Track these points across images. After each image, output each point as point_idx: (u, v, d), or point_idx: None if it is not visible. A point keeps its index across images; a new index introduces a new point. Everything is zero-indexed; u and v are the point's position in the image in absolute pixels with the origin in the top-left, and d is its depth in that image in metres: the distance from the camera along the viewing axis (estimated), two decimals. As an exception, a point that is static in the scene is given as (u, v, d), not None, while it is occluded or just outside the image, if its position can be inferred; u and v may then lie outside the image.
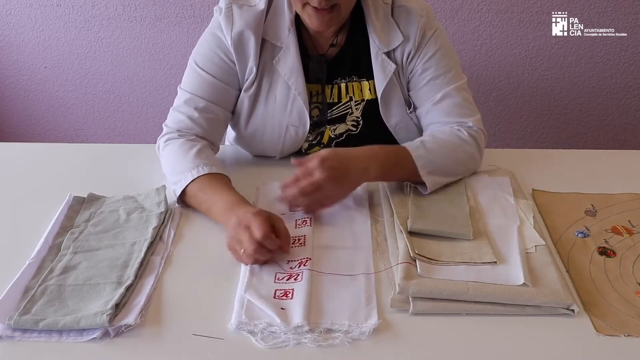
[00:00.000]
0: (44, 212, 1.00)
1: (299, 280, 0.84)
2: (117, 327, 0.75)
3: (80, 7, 2.00)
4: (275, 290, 0.82)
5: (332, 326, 0.76)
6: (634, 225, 0.98)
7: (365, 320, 0.77)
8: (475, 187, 1.07)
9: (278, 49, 1.09)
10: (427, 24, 1.09)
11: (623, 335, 0.75)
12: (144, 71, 2.10)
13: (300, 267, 0.87)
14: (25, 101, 2.20)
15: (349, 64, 1.13)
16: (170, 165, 1.05)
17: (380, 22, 1.09)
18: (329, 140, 1.18)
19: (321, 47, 1.12)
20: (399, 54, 1.10)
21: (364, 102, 1.14)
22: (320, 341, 0.73)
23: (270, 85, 1.11)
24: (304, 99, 1.10)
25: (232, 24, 1.06)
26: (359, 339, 0.74)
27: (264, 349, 0.73)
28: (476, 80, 2.03)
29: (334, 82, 1.14)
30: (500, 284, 0.81)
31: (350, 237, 0.95)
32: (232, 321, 0.76)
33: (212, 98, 1.10)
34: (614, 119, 2.10)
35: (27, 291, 0.81)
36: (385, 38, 1.09)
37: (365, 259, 0.89)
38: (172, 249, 0.92)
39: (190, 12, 1.98)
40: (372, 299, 0.81)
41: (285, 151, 1.18)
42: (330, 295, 0.82)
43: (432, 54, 1.10)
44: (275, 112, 1.12)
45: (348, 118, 1.16)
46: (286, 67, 1.08)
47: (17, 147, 1.31)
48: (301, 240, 0.93)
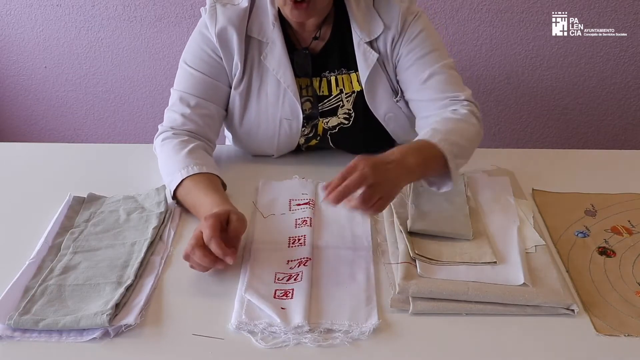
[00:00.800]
0: (43, 212, 1.00)
1: (298, 280, 0.84)
2: (117, 327, 0.75)
3: (80, 7, 2.00)
4: (275, 290, 0.82)
5: (332, 326, 0.76)
6: (633, 225, 0.98)
7: (365, 320, 0.77)
8: (475, 187, 1.07)
9: (264, 44, 1.10)
10: (408, 9, 1.10)
11: (623, 335, 0.75)
12: (143, 71, 2.10)
13: (300, 266, 0.87)
14: (25, 101, 2.20)
15: (336, 56, 1.14)
16: (164, 165, 1.06)
17: (361, 12, 1.10)
18: (323, 131, 1.19)
19: (305, 40, 1.14)
20: (382, 42, 1.11)
21: (354, 94, 1.15)
22: (320, 341, 0.73)
23: (261, 81, 1.13)
24: (293, 91, 1.11)
25: (215, 21, 1.08)
26: (359, 339, 0.74)
27: (264, 348, 0.73)
28: (476, 80, 2.03)
29: (322, 75, 1.15)
30: (500, 284, 0.81)
31: (350, 237, 0.95)
32: (232, 321, 0.76)
33: (204, 94, 1.12)
34: (614, 119, 2.10)
35: (27, 291, 0.81)
36: (366, 27, 1.10)
37: (365, 259, 0.89)
38: (172, 249, 0.92)
39: (190, 12, 1.98)
40: (372, 299, 0.81)
41: (281, 147, 1.19)
42: (330, 295, 0.82)
43: (415, 35, 1.10)
44: (268, 107, 1.13)
45: (340, 111, 1.16)
46: (274, 62, 1.10)
47: (17, 147, 1.31)
48: (301, 240, 0.93)
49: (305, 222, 0.97)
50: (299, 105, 1.12)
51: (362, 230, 0.96)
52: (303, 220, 0.98)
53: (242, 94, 1.13)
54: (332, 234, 0.96)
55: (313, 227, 0.97)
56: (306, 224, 0.97)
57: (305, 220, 0.98)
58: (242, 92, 1.13)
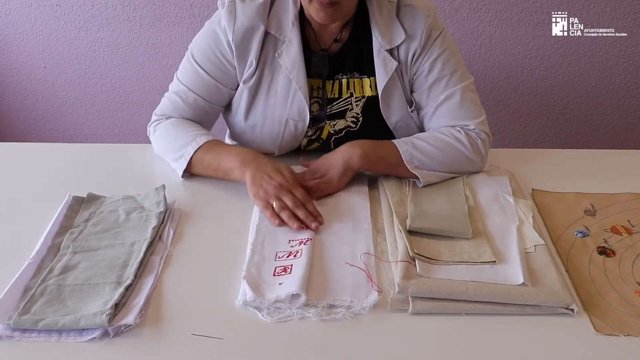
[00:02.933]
0: (43, 212, 1.00)
1: (298, 257, 0.86)
2: (116, 327, 0.75)
3: (80, 7, 2.00)
4: (275, 267, 0.85)
5: (334, 302, 0.79)
6: (633, 225, 0.98)
7: (366, 296, 0.80)
8: (475, 186, 1.07)
9: (281, 42, 1.09)
10: (434, 24, 1.10)
11: (622, 335, 0.75)
12: (143, 71, 2.10)
13: (300, 245, 0.89)
14: (25, 101, 2.20)
15: (351, 60, 1.13)
16: (168, 143, 1.10)
17: (384, 19, 1.09)
18: (328, 136, 1.18)
19: (324, 42, 1.13)
20: (403, 52, 1.10)
21: (365, 98, 1.15)
22: (323, 315, 0.77)
23: (272, 78, 1.11)
24: (304, 93, 1.10)
25: (234, 20, 1.07)
26: (360, 313, 0.77)
27: (263, 348, 0.73)
28: (476, 80, 2.00)
29: (335, 78, 1.14)
30: (499, 283, 0.81)
31: (350, 221, 0.97)
32: (239, 298, 0.79)
33: (203, 94, 1.13)
34: (614, 118, 2.11)
35: (27, 291, 0.81)
36: (387, 35, 1.09)
37: (366, 240, 0.92)
38: (172, 249, 0.92)
39: (190, 12, 1.98)
40: (372, 276, 0.84)
41: (284, 147, 1.19)
42: (332, 273, 0.85)
43: (437, 54, 1.10)
44: (275, 105, 1.13)
45: (348, 114, 1.16)
46: (288, 61, 1.09)
47: (17, 147, 1.31)
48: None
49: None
50: (308, 107, 1.12)
51: (363, 214, 0.99)
52: None
53: (251, 88, 1.12)
54: (334, 217, 0.98)
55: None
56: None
57: None
58: (252, 87, 1.12)
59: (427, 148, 1.06)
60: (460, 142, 1.07)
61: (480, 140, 1.09)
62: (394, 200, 1.00)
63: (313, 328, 0.76)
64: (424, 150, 1.06)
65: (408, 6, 1.10)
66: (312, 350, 0.73)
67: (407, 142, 1.07)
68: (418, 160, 1.05)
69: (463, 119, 1.10)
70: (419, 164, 1.05)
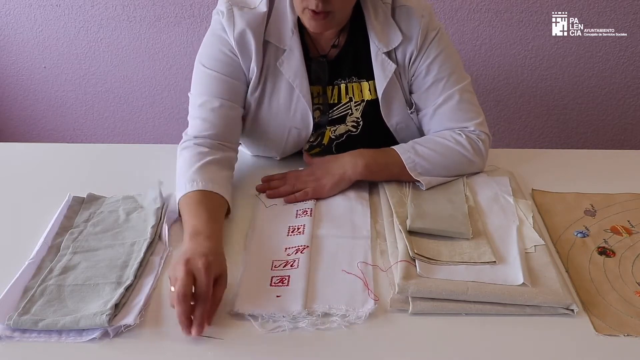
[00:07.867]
0: (43, 212, 1.00)
1: (295, 267, 0.85)
2: (116, 327, 0.75)
3: (80, 7, 2.00)
4: (272, 277, 0.84)
5: (329, 310, 0.78)
6: (633, 225, 0.98)
7: (362, 305, 0.79)
8: (475, 186, 1.07)
9: (281, 51, 1.08)
10: (430, 24, 1.09)
11: (622, 335, 0.75)
12: (143, 71, 2.10)
13: (297, 253, 0.88)
14: (25, 101, 2.20)
15: (349, 64, 1.13)
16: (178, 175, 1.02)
17: (379, 22, 1.09)
18: (329, 141, 1.18)
19: (322, 48, 1.12)
20: (400, 54, 1.10)
21: (364, 102, 1.14)
22: (318, 324, 0.76)
23: (274, 87, 1.11)
24: (307, 100, 1.10)
25: (233, 25, 1.06)
26: (356, 322, 0.76)
27: (263, 349, 0.73)
28: (476, 80, 2.03)
29: (334, 83, 1.14)
30: (499, 284, 0.81)
31: (349, 227, 0.96)
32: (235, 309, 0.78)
33: (225, 95, 1.08)
34: (614, 118, 2.11)
35: (27, 291, 0.81)
36: (384, 38, 1.09)
37: (364, 247, 0.91)
38: (172, 249, 0.92)
39: (190, 12, 1.98)
40: (369, 285, 0.83)
41: (286, 152, 1.19)
42: (328, 281, 0.83)
43: (434, 56, 1.10)
44: (278, 114, 1.12)
45: (348, 119, 1.16)
46: (290, 70, 1.08)
47: (16, 147, 1.31)
48: (300, 229, 0.95)
49: (305, 213, 0.99)
50: (311, 114, 1.11)
51: (362, 221, 0.98)
52: (304, 210, 1.00)
53: (256, 99, 1.11)
54: (332, 223, 0.97)
55: (313, 217, 0.98)
56: (307, 214, 0.99)
57: (306, 210, 1.00)
58: (256, 98, 1.11)
59: (430, 154, 1.06)
60: (462, 146, 1.08)
61: (481, 142, 1.09)
62: (394, 201, 1.00)
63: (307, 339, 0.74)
64: (426, 156, 1.06)
65: (403, 7, 1.09)
66: (313, 350, 0.73)
67: (409, 149, 1.07)
68: (421, 167, 1.05)
69: (462, 120, 1.10)
70: (422, 170, 1.05)
